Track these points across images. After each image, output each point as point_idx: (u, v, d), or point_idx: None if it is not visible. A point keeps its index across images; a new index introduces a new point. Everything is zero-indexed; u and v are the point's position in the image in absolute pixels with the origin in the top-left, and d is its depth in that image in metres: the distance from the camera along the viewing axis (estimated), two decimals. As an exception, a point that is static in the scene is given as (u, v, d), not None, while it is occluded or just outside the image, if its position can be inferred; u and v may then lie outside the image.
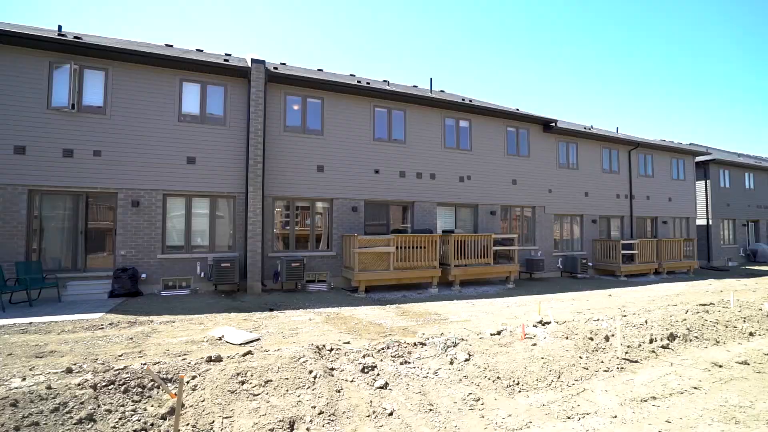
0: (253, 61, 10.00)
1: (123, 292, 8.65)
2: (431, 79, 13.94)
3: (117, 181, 9.15)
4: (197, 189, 9.86)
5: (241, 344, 5.98)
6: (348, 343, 6.16)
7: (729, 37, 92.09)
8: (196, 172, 9.85)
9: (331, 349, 5.59)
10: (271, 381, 4.15)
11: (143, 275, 9.19)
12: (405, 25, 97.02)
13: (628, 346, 5.86)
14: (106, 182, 9.06)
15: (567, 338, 6.07)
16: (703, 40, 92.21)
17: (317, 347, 5.49)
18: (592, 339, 5.98)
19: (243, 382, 4.10)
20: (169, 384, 4.36)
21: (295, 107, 11.09)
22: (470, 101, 13.31)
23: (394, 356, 5.36)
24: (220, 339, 6.20)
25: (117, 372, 4.32)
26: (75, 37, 9.14)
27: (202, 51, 12.03)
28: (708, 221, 20.44)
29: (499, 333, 6.34)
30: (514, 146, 14.38)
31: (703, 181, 20.57)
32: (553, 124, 14.66)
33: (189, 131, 9.85)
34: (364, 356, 5.34)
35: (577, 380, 4.79)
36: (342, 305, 9.00)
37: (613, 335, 6.18)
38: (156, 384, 4.03)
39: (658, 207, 18.07)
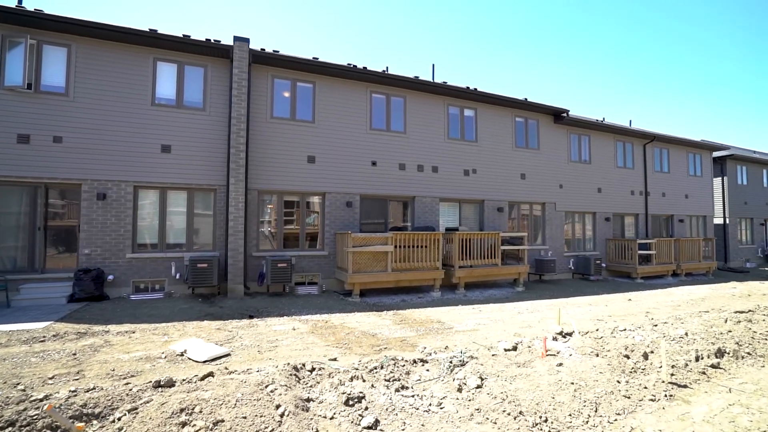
0: (236, 39, 9.00)
1: (84, 296, 7.66)
2: (433, 65, 12.92)
3: (81, 171, 8.15)
4: (173, 181, 8.85)
5: (205, 362, 4.98)
6: (335, 359, 5.16)
7: (732, 37, 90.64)
8: (172, 162, 8.85)
9: (312, 369, 4.59)
10: (222, 422, 3.14)
11: (110, 277, 8.19)
12: (404, 18, 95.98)
13: (673, 366, 4.83)
14: (68, 172, 8.06)
15: (597, 355, 5.05)
16: (709, 39, 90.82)
17: (295, 367, 4.49)
18: (628, 357, 4.96)
19: (184, 424, 3.09)
20: (94, 421, 3.37)
21: (284, 93, 10.08)
22: (475, 90, 12.27)
23: (389, 380, 4.35)
24: (182, 355, 5.20)
25: (25, 407, 3.33)
26: (35, 10, 8.14)
27: (188, 36, 10.97)
28: (725, 220, 19.36)
29: (514, 348, 5.32)
30: (522, 138, 13.35)
31: (720, 178, 19.49)
32: (565, 115, 13.63)
33: (164, 116, 8.85)
34: (352, 379, 4.34)
35: (619, 414, 3.77)
36: (333, 311, 7.99)
37: (652, 352, 5.17)
38: (65, 428, 3.02)
39: (675, 204, 17.00)
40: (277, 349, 5.62)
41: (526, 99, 13.19)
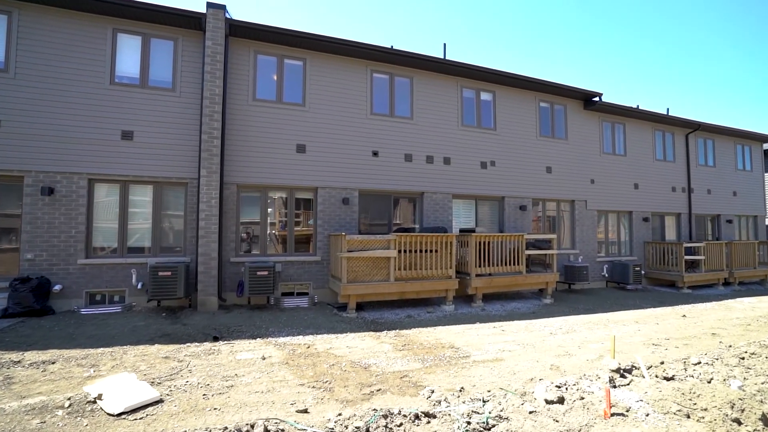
0: (209, 5, 7.63)
1: (21, 310, 6.34)
2: (444, 44, 11.35)
3: (23, 162, 6.87)
4: (136, 173, 7.51)
5: (120, 414, 3.53)
6: (305, 412, 3.67)
7: (729, 37, 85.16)
8: (135, 151, 7.51)
9: (264, 434, 3.10)
10: None
11: (57, 287, 6.86)
12: (408, 16, 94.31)
13: (812, 439, 3.15)
14: (7, 162, 6.79)
15: (689, 417, 3.40)
16: (711, 41, 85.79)
17: (235, 434, 3.00)
18: (739, 422, 3.29)
19: None
20: None
21: (269, 71, 8.67)
22: (492, 69, 10.65)
23: (374, 459, 2.81)
24: (96, 401, 3.76)
25: None
26: (-26, -27, 6.93)
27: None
28: (776, 220, 17.14)
29: (561, 400, 3.70)
30: (548, 126, 11.64)
31: (770, 173, 17.31)
32: (596, 99, 11.87)
33: (125, 97, 7.53)
34: (319, 452, 2.83)
35: None
36: (320, 331, 6.49)
37: (770, 411, 3.49)
38: None
39: (721, 203, 14.96)
40: (230, 391, 4.13)
41: (551, 81, 11.49)
